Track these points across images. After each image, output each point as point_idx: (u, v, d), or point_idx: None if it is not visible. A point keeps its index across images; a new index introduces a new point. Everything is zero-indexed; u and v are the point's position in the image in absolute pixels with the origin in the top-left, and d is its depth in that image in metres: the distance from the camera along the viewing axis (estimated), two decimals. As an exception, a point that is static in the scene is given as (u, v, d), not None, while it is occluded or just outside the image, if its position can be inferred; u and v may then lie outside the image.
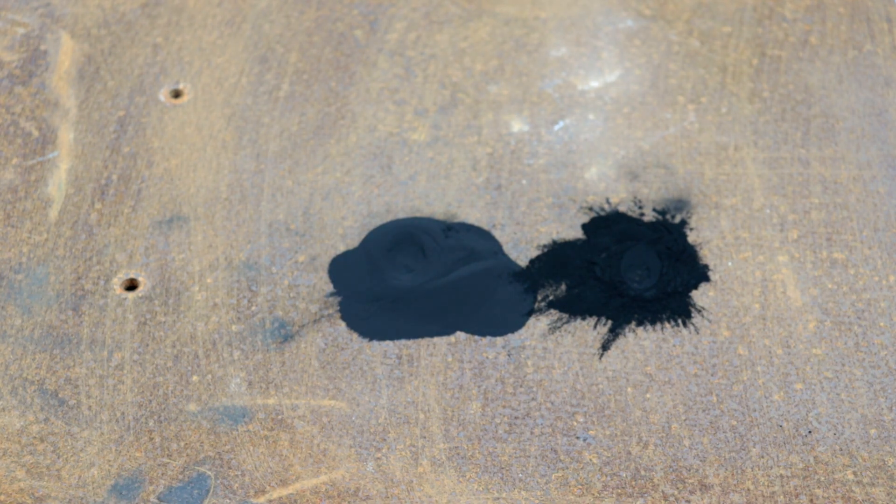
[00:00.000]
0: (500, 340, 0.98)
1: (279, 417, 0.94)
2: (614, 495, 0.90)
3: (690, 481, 0.91)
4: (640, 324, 0.98)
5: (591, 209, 1.05)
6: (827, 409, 0.94)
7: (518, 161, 1.08)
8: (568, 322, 0.99)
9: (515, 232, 1.03)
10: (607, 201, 1.05)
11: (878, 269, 1.01)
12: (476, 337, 0.98)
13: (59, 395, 0.95)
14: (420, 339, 0.98)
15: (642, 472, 0.91)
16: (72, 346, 0.97)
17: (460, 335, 0.98)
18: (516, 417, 0.94)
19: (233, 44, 1.15)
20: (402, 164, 1.08)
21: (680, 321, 0.98)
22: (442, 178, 1.07)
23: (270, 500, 0.90)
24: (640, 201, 1.05)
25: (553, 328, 0.98)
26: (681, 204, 1.05)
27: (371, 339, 0.98)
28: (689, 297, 1.00)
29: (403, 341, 0.98)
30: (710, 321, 0.98)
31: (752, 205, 1.05)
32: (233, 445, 0.93)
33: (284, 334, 0.98)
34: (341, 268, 1.02)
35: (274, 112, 1.11)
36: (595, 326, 0.98)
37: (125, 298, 1.00)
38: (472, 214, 1.04)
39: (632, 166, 1.07)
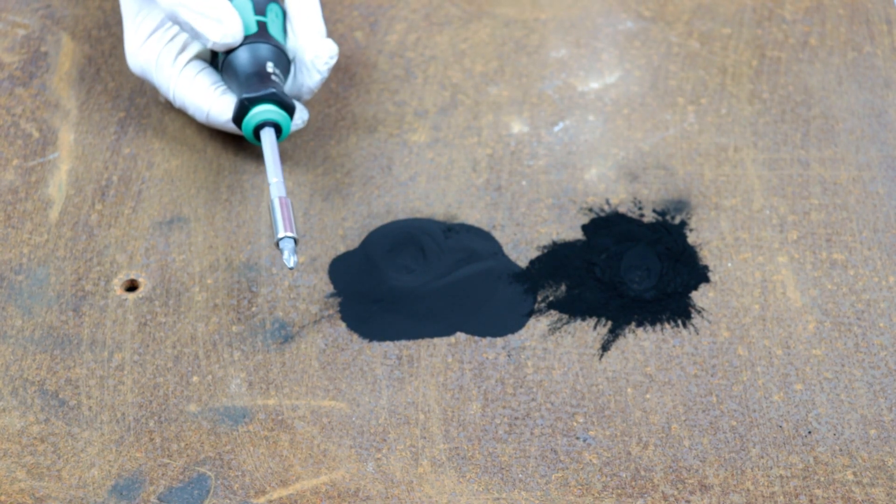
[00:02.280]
0: (500, 341, 0.98)
1: (279, 418, 0.94)
2: (614, 496, 0.90)
3: (690, 481, 0.91)
4: (639, 324, 0.98)
5: (590, 210, 1.05)
6: (827, 410, 0.94)
7: (518, 162, 1.08)
8: (568, 323, 0.99)
9: (515, 233, 1.04)
10: (607, 202, 1.05)
11: (878, 269, 1.01)
12: (476, 338, 0.98)
13: (60, 396, 0.95)
14: (420, 340, 0.98)
15: (642, 473, 0.91)
16: (72, 347, 0.97)
17: (460, 336, 0.98)
18: (516, 418, 0.94)
19: (233, 45, 1.15)
20: (402, 165, 1.08)
21: (680, 322, 0.98)
22: (442, 179, 1.07)
23: (271, 501, 0.90)
24: (639, 202, 1.05)
25: (553, 329, 0.98)
26: (680, 205, 1.05)
27: (371, 339, 0.98)
28: (689, 297, 1.00)
29: (403, 342, 0.98)
30: (709, 322, 0.98)
31: (751, 206, 1.05)
32: (233, 446, 0.93)
33: (285, 335, 0.98)
34: (341, 269, 1.02)
35: (274, 113, 1.11)
36: (595, 327, 0.98)
37: (125, 299, 1.00)
38: (472, 215, 1.05)
39: (632, 167, 1.07)
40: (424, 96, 1.12)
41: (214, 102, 1.04)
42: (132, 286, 1.01)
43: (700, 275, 1.01)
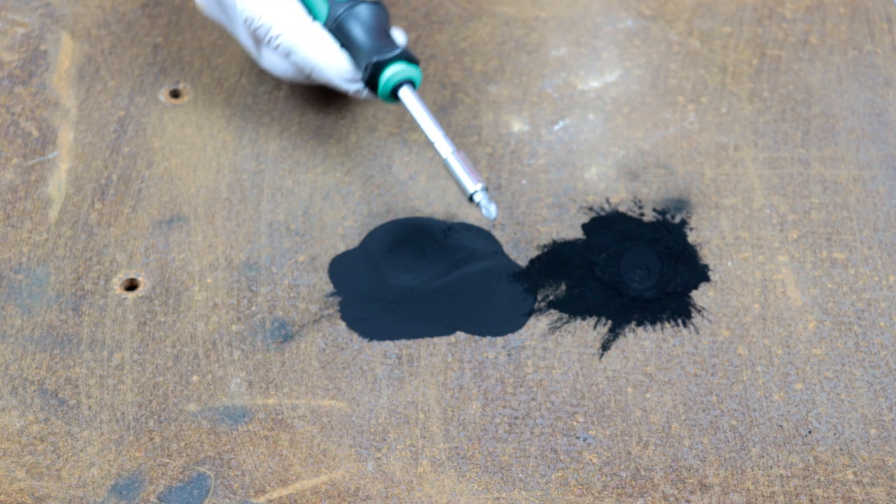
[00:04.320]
0: (500, 340, 0.98)
1: (279, 417, 0.94)
2: (614, 495, 0.90)
3: (690, 481, 0.91)
4: (640, 324, 0.98)
5: (591, 209, 1.05)
6: (827, 409, 0.94)
7: (518, 161, 1.08)
8: (568, 322, 0.99)
9: (515, 232, 1.03)
10: (607, 201, 1.05)
11: (878, 269, 1.01)
12: (476, 337, 0.98)
13: (60, 395, 0.95)
14: (420, 340, 0.98)
15: (642, 472, 0.91)
16: (72, 346, 0.97)
17: (460, 335, 0.98)
18: (516, 417, 0.94)
19: (233, 44, 1.15)
20: (402, 164, 1.08)
21: (680, 321, 0.98)
22: (442, 178, 1.07)
23: (270, 500, 0.90)
24: (640, 201, 1.05)
25: (553, 328, 0.98)
26: (681, 204, 1.05)
27: (371, 339, 0.98)
28: (689, 297, 1.00)
29: (403, 341, 0.98)
30: (710, 321, 0.98)
31: (751, 205, 1.05)
32: (233, 445, 0.93)
33: (284, 334, 0.98)
34: (341, 268, 1.02)
35: (274, 112, 1.11)
36: (595, 326, 0.98)
37: (125, 298, 1.00)
38: (472, 214, 1.04)
39: (632, 166, 1.07)
40: (424, 95, 1.12)
41: (318, 41, 1.03)
42: (132, 285, 1.01)
43: (700, 274, 1.01)
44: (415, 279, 1.01)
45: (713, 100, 1.11)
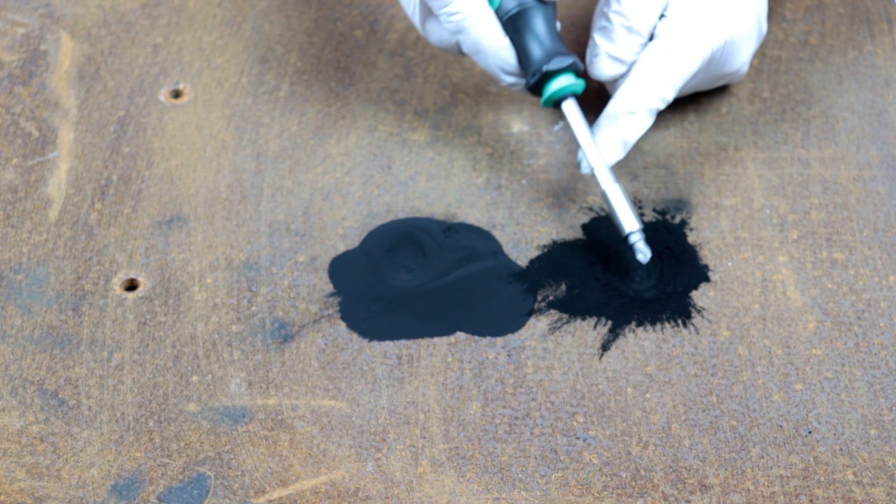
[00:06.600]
0: (500, 341, 0.98)
1: (279, 418, 0.94)
2: (614, 495, 0.90)
3: (690, 481, 0.91)
4: (640, 324, 0.98)
5: (591, 209, 1.05)
6: (827, 410, 0.94)
7: (518, 161, 1.08)
8: (568, 322, 0.99)
9: (515, 232, 1.03)
10: (607, 201, 1.05)
11: (878, 269, 1.01)
12: (476, 337, 0.98)
13: (59, 396, 0.95)
14: (420, 340, 0.98)
15: (642, 473, 0.91)
16: (72, 347, 0.97)
17: (460, 335, 0.98)
18: (516, 418, 0.94)
19: (233, 44, 1.15)
20: (402, 164, 1.08)
21: (680, 321, 0.98)
22: (442, 178, 1.07)
23: (270, 501, 0.90)
24: (639, 201, 1.05)
25: (553, 328, 0.98)
26: (681, 204, 1.05)
27: (371, 339, 0.98)
28: (689, 297, 1.00)
29: (403, 341, 0.98)
30: (710, 321, 0.98)
31: (751, 205, 1.05)
32: (233, 445, 0.93)
33: (284, 335, 0.98)
34: (341, 268, 1.02)
35: (274, 112, 1.11)
36: (595, 327, 0.98)
37: (125, 299, 1.00)
38: (472, 214, 1.04)
39: (632, 166, 1.07)
40: (424, 95, 1.12)
41: (491, 29, 1.02)
42: (132, 285, 1.01)
43: (700, 274, 1.01)
44: (415, 279, 1.01)
45: (713, 100, 1.11)
